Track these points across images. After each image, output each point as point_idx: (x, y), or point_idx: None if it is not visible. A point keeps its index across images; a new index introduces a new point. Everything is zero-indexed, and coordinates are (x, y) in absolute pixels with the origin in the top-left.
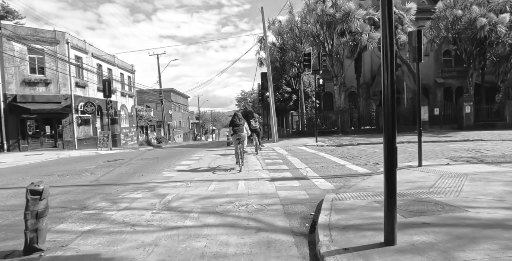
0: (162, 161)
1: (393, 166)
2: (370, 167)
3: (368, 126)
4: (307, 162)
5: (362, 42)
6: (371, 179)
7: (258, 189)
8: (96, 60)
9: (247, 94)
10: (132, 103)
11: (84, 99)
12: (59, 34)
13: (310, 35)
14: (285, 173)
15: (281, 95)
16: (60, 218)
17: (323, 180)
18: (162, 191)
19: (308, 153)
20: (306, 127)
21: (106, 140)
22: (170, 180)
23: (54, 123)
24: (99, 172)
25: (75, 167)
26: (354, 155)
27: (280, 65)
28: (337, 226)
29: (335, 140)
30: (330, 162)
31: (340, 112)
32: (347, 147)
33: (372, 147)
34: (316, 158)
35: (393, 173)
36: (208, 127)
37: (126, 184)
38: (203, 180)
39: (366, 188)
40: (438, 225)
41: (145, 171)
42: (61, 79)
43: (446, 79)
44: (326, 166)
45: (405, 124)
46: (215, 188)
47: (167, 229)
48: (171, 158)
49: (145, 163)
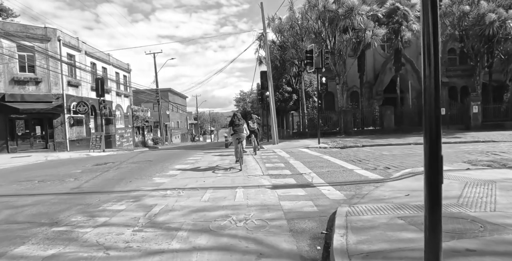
0: (155, 165)
1: (437, 180)
2: (381, 172)
3: (372, 126)
4: (311, 166)
5: (366, 39)
6: (385, 186)
7: (258, 199)
8: (90, 58)
9: (246, 95)
10: (128, 103)
11: (76, 98)
12: (50, 31)
13: (312, 32)
14: (288, 179)
15: (281, 95)
16: (22, 238)
17: (331, 188)
18: (149, 201)
19: (311, 156)
20: (307, 128)
21: (99, 142)
22: (160, 188)
23: (45, 123)
24: (84, 177)
25: (60, 171)
26: (361, 158)
27: (280, 64)
28: (358, 253)
29: (338, 142)
30: (336, 166)
31: (343, 112)
32: (352, 149)
33: (379, 149)
34: (321, 162)
35: (438, 189)
36: (206, 128)
37: (110, 192)
38: (196, 187)
39: (382, 198)
40: (487, 253)
41: (135, 176)
42: (53, 78)
43: (450, 78)
44: (333, 171)
45: (410, 125)
46: (210, 198)
47: (148, 254)
48: (164, 161)
49: (136, 167)
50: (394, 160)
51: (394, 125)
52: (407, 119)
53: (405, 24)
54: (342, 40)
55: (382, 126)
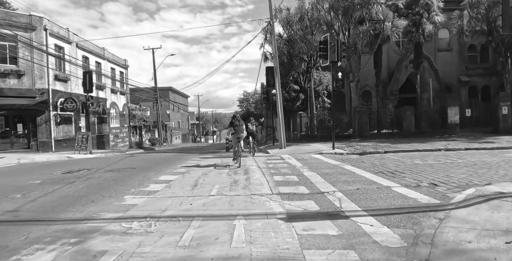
0: (136, 175)
1: None
2: (431, 193)
3: (388, 129)
4: (333, 181)
5: (384, 32)
6: (453, 219)
7: (268, 243)
8: (81, 51)
9: (249, 95)
10: (124, 101)
11: (65, 94)
12: (36, 19)
13: (324, 24)
14: (306, 202)
15: (288, 94)
16: None
17: (373, 221)
18: (98, 244)
19: (329, 164)
20: (316, 130)
21: (85, 142)
22: (126, 215)
23: (27, 121)
24: (37, 192)
25: (17, 180)
26: (391, 169)
27: (287, 60)
28: None
29: (356, 147)
30: (365, 180)
31: (357, 113)
32: (374, 156)
33: (407, 157)
34: (343, 174)
35: None
36: (209, 128)
37: (53, 221)
38: (178, 216)
39: (466, 247)
40: None
41: (102, 192)
42: (37, 71)
43: (471, 77)
44: (364, 188)
45: (431, 127)
46: (193, 238)
47: None
48: (150, 169)
49: (111, 177)
50: (435, 172)
51: (414, 128)
52: (427, 121)
53: (426, 16)
54: (358, 32)
55: (401, 129)
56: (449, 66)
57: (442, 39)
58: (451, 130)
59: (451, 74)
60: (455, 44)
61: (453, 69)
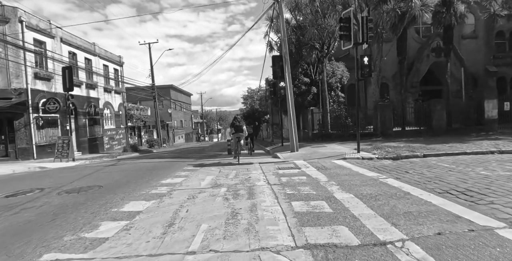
0: (93, 202)
1: None
2: None
3: (414, 126)
4: (387, 213)
5: (412, 11)
6: None
7: None
8: (68, 47)
9: (253, 92)
10: (120, 100)
11: (48, 94)
12: (9, 10)
13: (339, 4)
14: None
15: (297, 88)
16: None
17: None
18: None
19: (363, 177)
20: (331, 128)
21: (67, 148)
22: None
23: (4, 125)
24: None
25: None
26: (458, 186)
27: (296, 49)
28: None
29: (386, 149)
30: (437, 211)
31: (380, 108)
32: (414, 162)
33: (460, 163)
34: (395, 197)
35: None
36: (213, 126)
37: None
38: None
39: None
40: None
41: (18, 244)
42: (13, 69)
43: (499, 66)
44: (449, 233)
45: (465, 124)
46: None
47: None
48: (121, 187)
49: (56, 206)
50: None
51: (445, 125)
52: (459, 117)
53: None
54: (382, 12)
55: (430, 126)
56: (474, 55)
57: (468, 25)
58: (489, 127)
59: (476, 64)
60: (481, 30)
61: (480, 58)
